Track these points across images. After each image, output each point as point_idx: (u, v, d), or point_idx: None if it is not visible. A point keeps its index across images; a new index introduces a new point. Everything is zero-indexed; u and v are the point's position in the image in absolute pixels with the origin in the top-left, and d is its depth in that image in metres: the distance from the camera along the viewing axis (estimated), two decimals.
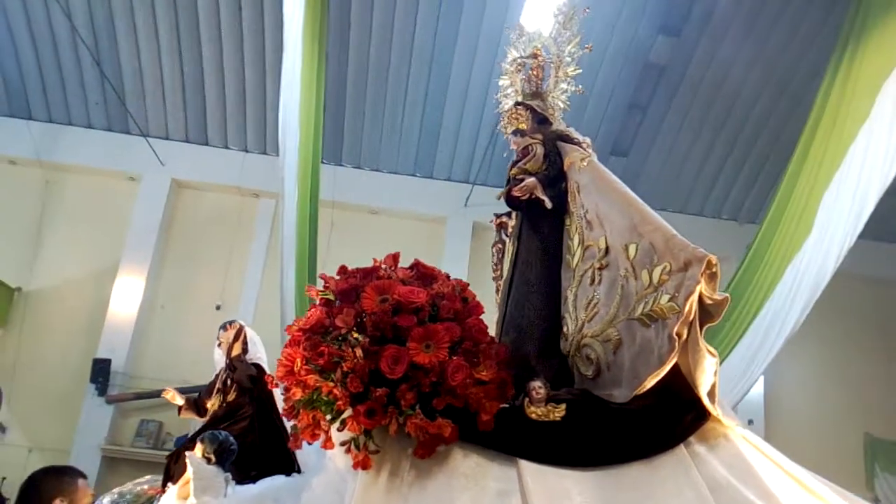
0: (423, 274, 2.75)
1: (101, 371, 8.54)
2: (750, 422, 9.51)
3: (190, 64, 9.12)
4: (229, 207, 9.81)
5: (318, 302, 2.67)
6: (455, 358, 2.46)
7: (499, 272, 3.87)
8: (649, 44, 8.82)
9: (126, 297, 9.03)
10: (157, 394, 7.19)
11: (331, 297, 2.64)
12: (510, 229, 3.79)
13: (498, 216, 3.94)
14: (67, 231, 9.39)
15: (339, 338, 2.48)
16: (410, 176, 10.07)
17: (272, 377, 2.65)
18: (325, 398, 2.44)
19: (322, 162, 7.10)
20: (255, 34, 8.84)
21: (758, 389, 8.71)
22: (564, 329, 3.10)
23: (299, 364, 2.47)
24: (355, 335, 2.46)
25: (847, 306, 9.38)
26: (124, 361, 8.74)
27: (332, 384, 2.40)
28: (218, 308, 9.23)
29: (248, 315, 9.10)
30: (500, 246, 3.94)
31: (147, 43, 8.96)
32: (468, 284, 2.80)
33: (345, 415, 2.45)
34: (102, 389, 8.52)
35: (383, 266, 2.76)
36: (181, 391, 5.21)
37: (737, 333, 5.97)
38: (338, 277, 2.70)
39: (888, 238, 9.57)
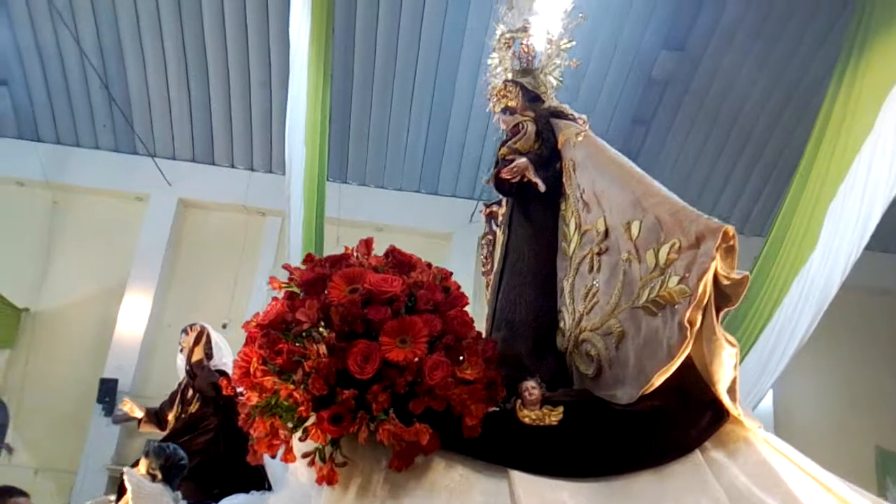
0: (399, 261, 2.41)
1: (107, 391, 8.53)
2: None
3: (196, 84, 9.21)
4: (235, 226, 9.85)
5: (280, 295, 2.34)
6: (434, 354, 2.12)
7: (489, 266, 3.55)
8: (652, 59, 8.87)
9: (133, 316, 9.05)
10: None
11: (295, 289, 2.31)
12: (500, 218, 3.47)
13: (487, 205, 3.66)
14: (75, 251, 9.44)
15: (302, 334, 2.15)
16: (415, 192, 10.10)
17: (229, 381, 2.32)
18: (284, 403, 2.10)
19: (327, 179, 7.13)
20: (261, 55, 8.93)
21: (767, 403, 8.65)
22: (561, 324, 2.80)
23: (255, 364, 2.15)
24: (320, 330, 2.13)
25: (856, 318, 9.33)
26: (131, 381, 8.74)
27: (291, 386, 2.07)
28: (224, 326, 9.20)
29: None
30: (490, 237, 3.62)
31: (154, 64, 9.05)
32: (451, 273, 2.48)
33: (308, 422, 2.11)
34: (109, 409, 8.50)
35: (355, 253, 2.43)
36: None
37: (745, 347, 5.91)
38: (304, 267, 2.36)
39: (893, 249, 9.53)
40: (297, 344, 2.13)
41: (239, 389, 2.28)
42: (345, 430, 2.06)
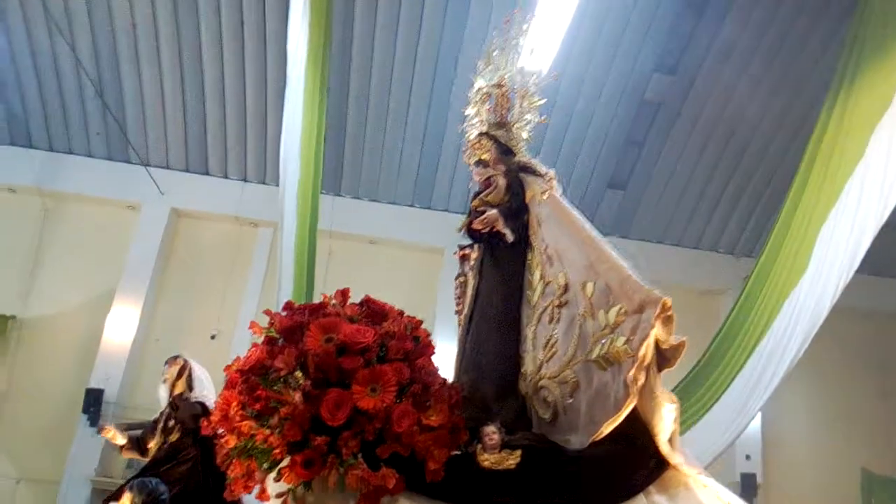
0: (373, 311, 2.58)
1: (93, 401, 8.45)
2: (748, 457, 9.46)
3: (192, 94, 9.22)
4: (228, 237, 9.83)
5: (260, 340, 2.48)
6: (402, 403, 2.28)
7: (461, 307, 3.71)
8: (646, 81, 8.98)
9: (121, 326, 8.98)
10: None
11: (275, 334, 2.46)
12: (472, 262, 3.63)
13: (461, 248, 3.77)
14: (64, 260, 9.38)
15: (279, 380, 2.29)
16: (409, 206, 10.12)
17: (209, 422, 2.46)
18: (260, 446, 2.25)
19: (321, 191, 7.14)
20: (258, 66, 8.95)
21: (755, 425, 8.68)
22: (523, 369, 2.99)
23: (234, 409, 2.28)
24: (296, 377, 2.27)
25: (844, 341, 9.39)
26: (117, 391, 8.66)
27: (268, 431, 2.22)
28: (213, 338, 9.19)
29: (243, 344, 9.04)
30: (462, 279, 3.76)
31: (149, 74, 9.05)
32: (421, 322, 2.64)
33: (282, 464, 2.25)
34: (94, 420, 8.41)
35: (333, 302, 2.60)
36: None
37: (735, 368, 5.95)
38: (284, 313, 2.52)
39: (885, 272, 9.62)
40: (274, 389, 2.27)
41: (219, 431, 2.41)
42: (316, 473, 2.20)
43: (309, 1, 5.85)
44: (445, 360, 3.60)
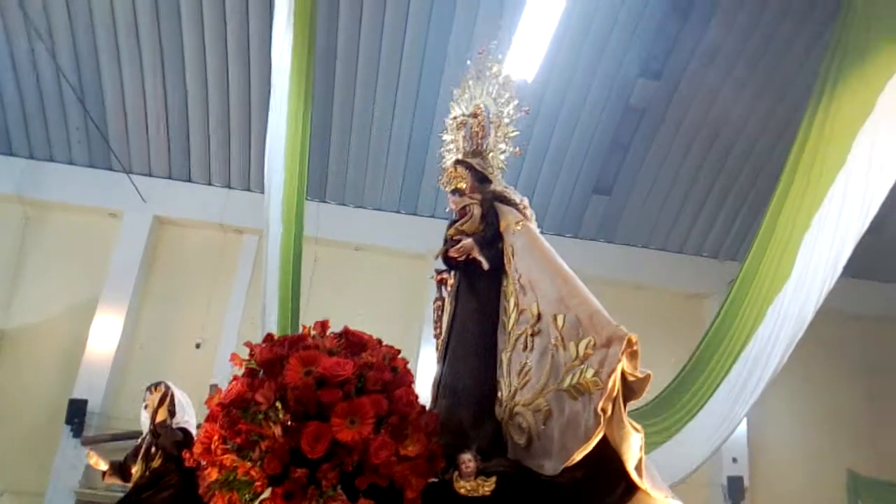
0: (351, 342, 2.63)
1: (77, 412, 8.35)
2: (734, 460, 9.51)
3: (174, 101, 9.15)
4: (212, 244, 9.75)
5: (241, 372, 2.51)
6: (379, 435, 2.34)
7: (439, 331, 3.79)
8: (630, 87, 9.03)
9: (104, 335, 8.88)
10: (134, 435, 6.96)
11: (255, 366, 2.50)
12: (450, 287, 3.73)
13: (439, 272, 3.86)
14: (46, 268, 9.26)
15: (260, 414, 2.34)
16: (395, 213, 10.09)
17: (191, 454, 2.51)
18: (242, 479, 2.30)
19: (306, 198, 7.11)
20: (241, 72, 8.90)
21: (741, 427, 8.71)
22: (499, 394, 3.05)
23: (216, 442, 2.33)
24: (277, 411, 2.33)
25: (829, 344, 9.46)
26: (101, 402, 8.56)
27: (249, 464, 2.28)
28: (198, 346, 9.11)
29: (227, 354, 8.96)
30: (440, 303, 3.87)
31: (131, 80, 8.98)
32: (399, 352, 2.71)
33: (263, 496, 2.31)
34: (78, 431, 8.32)
35: (313, 333, 2.66)
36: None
37: (720, 373, 5.98)
38: (265, 345, 2.57)
39: (867, 276, 9.71)
40: (255, 422, 2.32)
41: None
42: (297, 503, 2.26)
43: (293, 9, 5.82)
44: (432, 367, 3.64)
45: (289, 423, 2.29)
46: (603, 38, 8.58)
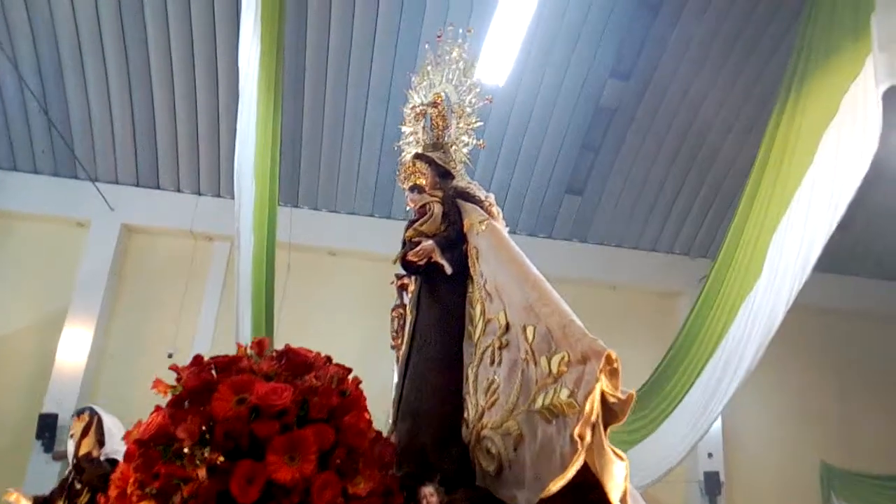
0: (293, 364, 2.27)
1: (47, 426, 8.16)
2: (710, 455, 9.62)
3: (141, 107, 8.99)
4: (182, 252, 9.60)
5: (165, 399, 2.16)
6: (324, 472, 2.03)
7: (399, 341, 3.49)
8: (600, 87, 9.08)
9: (74, 347, 8.69)
10: None
11: (181, 388, 2.15)
12: (411, 293, 3.39)
13: (399, 277, 3.57)
14: (12, 280, 9.05)
15: (183, 452, 2.00)
16: (369, 216, 10.03)
17: (106, 499, 2.17)
18: None
19: (279, 203, 7.02)
20: (209, 76, 8.77)
21: (716, 423, 8.83)
22: (465, 414, 2.76)
23: (131, 487, 1.99)
24: (202, 451, 1.98)
25: (800, 337, 9.59)
26: (71, 416, 8.38)
27: None
28: (170, 356, 8.95)
29: None
30: (400, 311, 3.57)
31: (96, 86, 8.80)
32: (350, 371, 2.35)
33: None
34: (49, 445, 8.14)
35: (249, 352, 2.29)
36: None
37: (695, 371, 6.06)
38: (192, 369, 2.21)
39: (835, 270, 9.87)
40: (176, 463, 1.99)
41: None
42: None
43: (259, 12, 5.74)
44: None
45: (217, 461, 1.94)
46: (572, 42, 8.62)
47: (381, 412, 3.10)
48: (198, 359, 2.22)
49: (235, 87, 6.55)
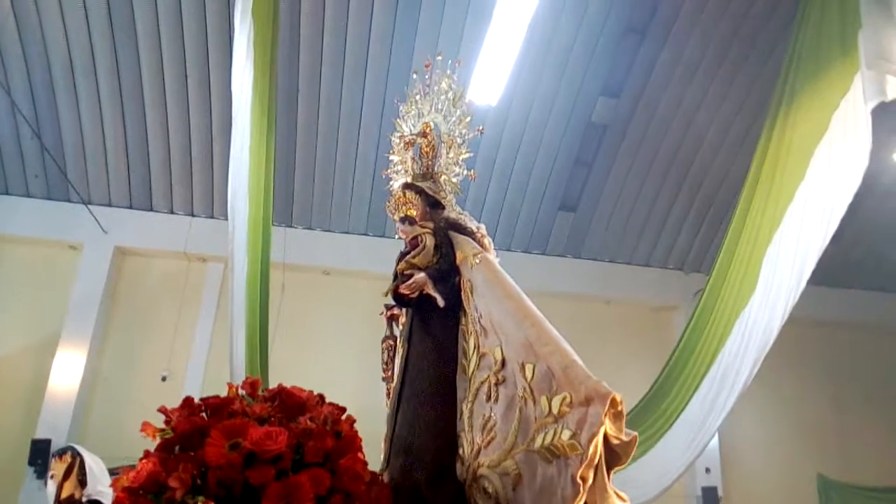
0: (287, 405, 2.22)
1: (40, 452, 8.06)
2: (707, 470, 9.59)
3: (133, 129, 8.99)
4: (176, 273, 9.57)
5: (155, 443, 2.07)
6: None
7: (389, 373, 3.42)
8: (591, 104, 9.15)
9: (67, 371, 8.62)
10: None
11: (171, 432, 2.09)
12: (402, 325, 3.33)
13: (388, 307, 3.49)
14: (4, 305, 8.99)
15: (174, 500, 1.93)
16: (363, 235, 10.03)
17: None
18: None
19: (272, 223, 7.01)
20: (202, 97, 8.79)
21: (713, 438, 8.83)
22: (460, 450, 2.71)
23: None
24: (194, 500, 1.92)
25: (793, 351, 9.63)
26: (65, 440, 8.26)
27: None
28: (164, 379, 8.91)
29: (195, 385, 8.82)
30: (391, 342, 3.48)
31: (89, 109, 8.80)
32: (344, 410, 2.30)
33: None
34: (42, 472, 8.03)
35: (241, 392, 2.24)
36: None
37: (692, 386, 6.05)
38: (183, 412, 2.14)
39: (829, 283, 9.93)
40: None
41: None
42: None
43: (252, 36, 5.77)
44: None
45: None
46: (562, 62, 8.69)
47: (377, 434, 3.09)
48: (188, 401, 2.13)
49: (228, 108, 6.56)
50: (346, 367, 8.99)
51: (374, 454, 2.56)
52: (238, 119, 5.62)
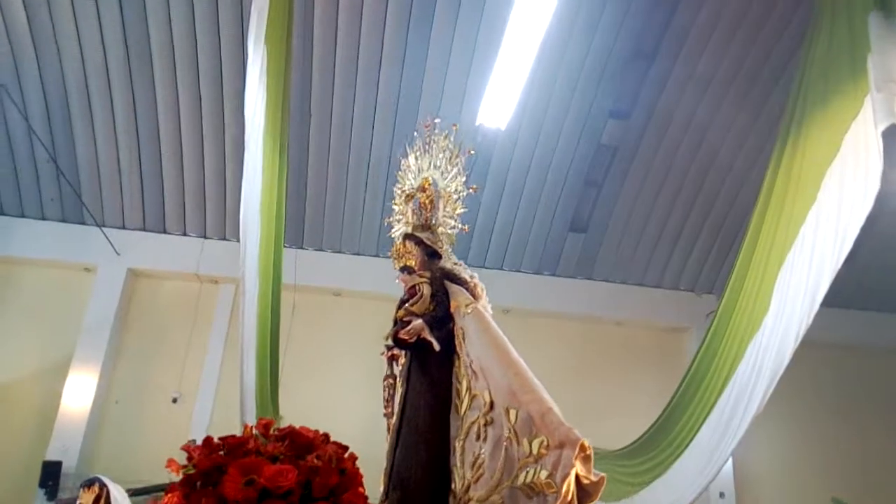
0: (297, 445, 2.47)
1: (50, 474, 8.10)
2: (721, 495, 9.46)
3: (148, 153, 9.11)
4: (188, 295, 9.63)
5: (178, 478, 2.36)
6: None
7: (390, 409, 3.70)
8: (601, 126, 9.18)
9: (79, 393, 8.68)
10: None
11: (192, 470, 2.35)
12: (402, 365, 3.64)
13: (389, 348, 3.76)
14: (18, 327, 9.07)
15: None
16: (373, 257, 10.06)
17: None
18: None
19: (284, 245, 7.06)
20: (215, 122, 8.91)
21: (727, 461, 8.72)
22: (453, 485, 2.94)
23: None
24: None
25: (809, 373, 9.53)
26: (76, 462, 8.32)
27: None
28: (175, 401, 8.94)
29: (206, 406, 8.83)
30: (391, 381, 3.76)
31: (103, 133, 8.93)
32: (347, 448, 2.58)
33: None
34: (52, 494, 8.06)
35: (255, 432, 2.51)
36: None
37: (705, 408, 5.96)
38: (203, 450, 2.42)
39: (843, 304, 9.85)
40: None
41: None
42: None
43: (266, 63, 5.85)
44: None
45: None
46: (571, 85, 8.75)
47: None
48: (208, 440, 2.40)
49: (241, 132, 6.63)
50: (356, 387, 8.96)
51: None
52: (251, 143, 5.70)
